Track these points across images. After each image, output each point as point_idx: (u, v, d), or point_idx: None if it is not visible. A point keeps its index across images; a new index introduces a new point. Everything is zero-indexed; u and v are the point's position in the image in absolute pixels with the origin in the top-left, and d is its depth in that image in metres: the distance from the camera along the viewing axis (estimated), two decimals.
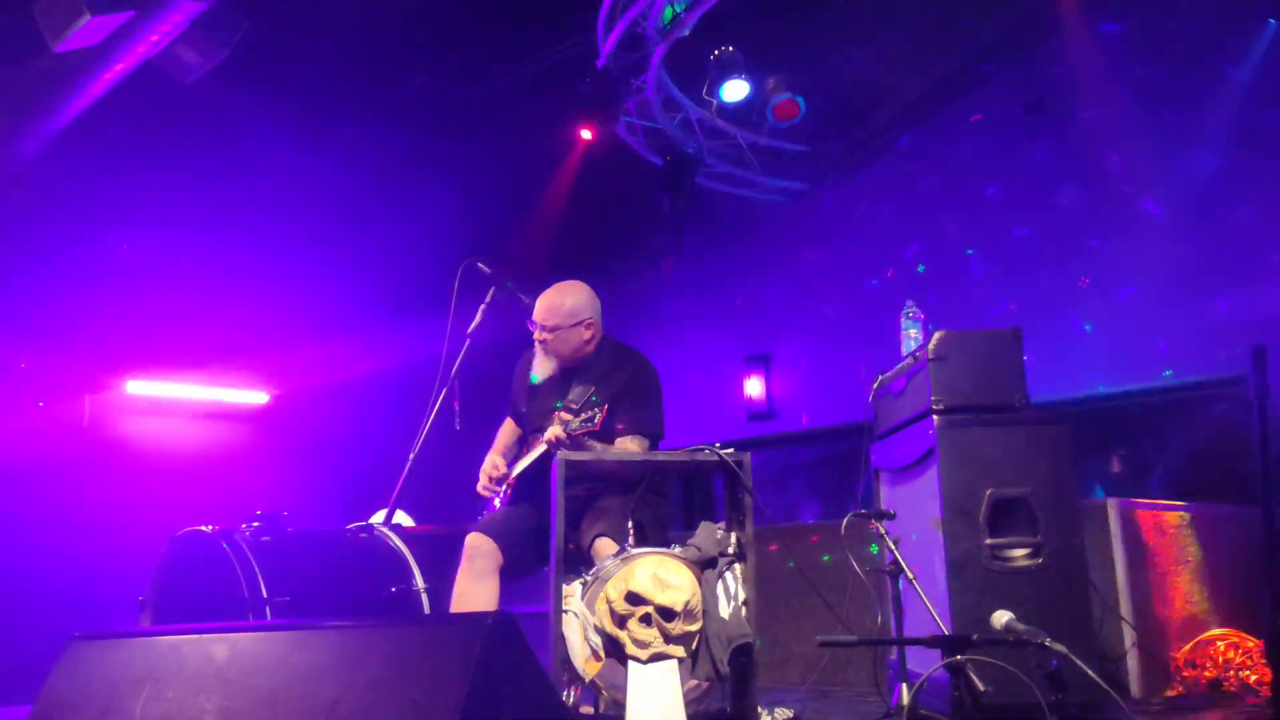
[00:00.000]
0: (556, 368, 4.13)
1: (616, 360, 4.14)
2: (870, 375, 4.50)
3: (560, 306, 4.10)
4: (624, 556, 3.37)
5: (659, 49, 6.80)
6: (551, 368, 4.13)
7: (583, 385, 4.01)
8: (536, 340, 4.14)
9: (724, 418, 8.63)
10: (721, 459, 3.53)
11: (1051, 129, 6.96)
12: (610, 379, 4.04)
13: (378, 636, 2.25)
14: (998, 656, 3.00)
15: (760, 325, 8.73)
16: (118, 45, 5.62)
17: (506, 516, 4.02)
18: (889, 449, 4.24)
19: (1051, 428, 3.69)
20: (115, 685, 2.34)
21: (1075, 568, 3.58)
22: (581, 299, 4.14)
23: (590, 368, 4.12)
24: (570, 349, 4.11)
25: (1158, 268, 6.33)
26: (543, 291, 4.21)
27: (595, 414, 3.74)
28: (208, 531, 3.99)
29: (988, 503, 3.58)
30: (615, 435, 3.93)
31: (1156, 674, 4.13)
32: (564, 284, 4.20)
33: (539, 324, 4.12)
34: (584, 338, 4.12)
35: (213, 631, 2.39)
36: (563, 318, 4.09)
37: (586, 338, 4.12)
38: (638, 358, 4.17)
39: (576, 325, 4.10)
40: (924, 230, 7.65)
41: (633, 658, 3.24)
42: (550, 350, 4.11)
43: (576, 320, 4.10)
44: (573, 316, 4.09)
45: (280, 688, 2.18)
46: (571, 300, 4.12)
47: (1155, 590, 4.28)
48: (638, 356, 4.18)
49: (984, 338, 3.81)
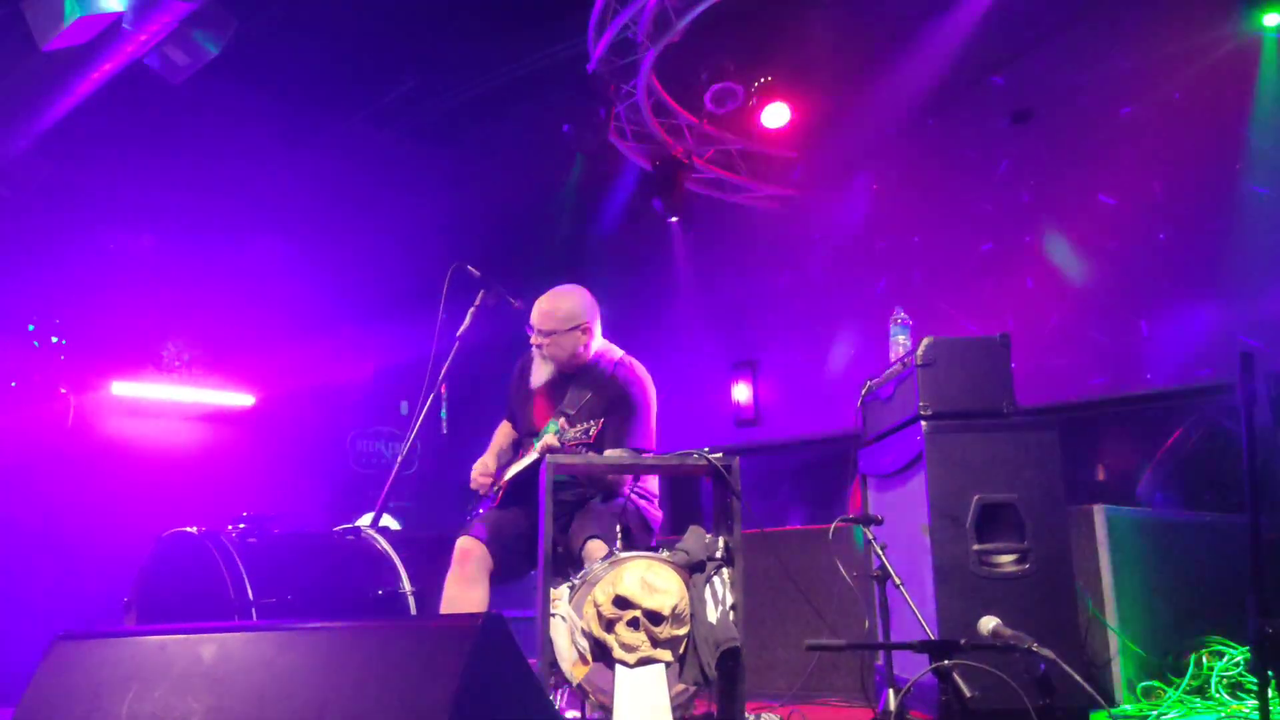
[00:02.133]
0: (554, 372, 4.13)
1: (613, 369, 4.13)
2: (859, 381, 4.52)
3: (556, 311, 4.10)
4: (612, 560, 3.37)
5: (649, 54, 6.81)
6: (549, 372, 4.13)
7: (579, 390, 4.02)
8: (533, 345, 4.13)
9: (712, 424, 8.64)
10: (710, 463, 3.53)
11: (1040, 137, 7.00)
12: (606, 388, 4.05)
13: (367, 637, 2.24)
14: (985, 661, 3.01)
15: (748, 331, 8.74)
16: (106, 44, 5.60)
17: (497, 521, 4.00)
18: (877, 454, 4.25)
19: (1039, 434, 3.70)
20: (101, 685, 2.32)
21: (1062, 574, 3.60)
22: (578, 304, 4.14)
23: (587, 373, 4.12)
24: (567, 354, 4.10)
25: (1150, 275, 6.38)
26: (535, 297, 4.22)
27: (590, 427, 3.74)
28: (193, 533, 3.98)
29: (975, 508, 3.59)
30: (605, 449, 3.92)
31: (1142, 680, 4.15)
32: (561, 288, 4.20)
33: (535, 329, 4.11)
34: (581, 342, 4.10)
35: (200, 631, 2.37)
36: (559, 322, 4.08)
37: (584, 342, 4.11)
38: (633, 370, 4.15)
39: (573, 330, 4.09)
40: (914, 237, 7.67)
41: (620, 661, 3.24)
42: (547, 354, 4.11)
43: (573, 325, 4.09)
44: (569, 321, 4.09)
45: (268, 688, 2.17)
46: (568, 305, 4.12)
47: (1141, 597, 4.30)
48: (633, 368, 4.16)
49: (972, 344, 3.83)
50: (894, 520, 3.85)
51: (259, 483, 7.68)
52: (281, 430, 8.25)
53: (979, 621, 3.11)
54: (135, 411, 7.75)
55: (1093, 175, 6.71)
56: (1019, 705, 2.89)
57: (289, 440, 8.24)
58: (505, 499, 4.09)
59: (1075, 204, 6.79)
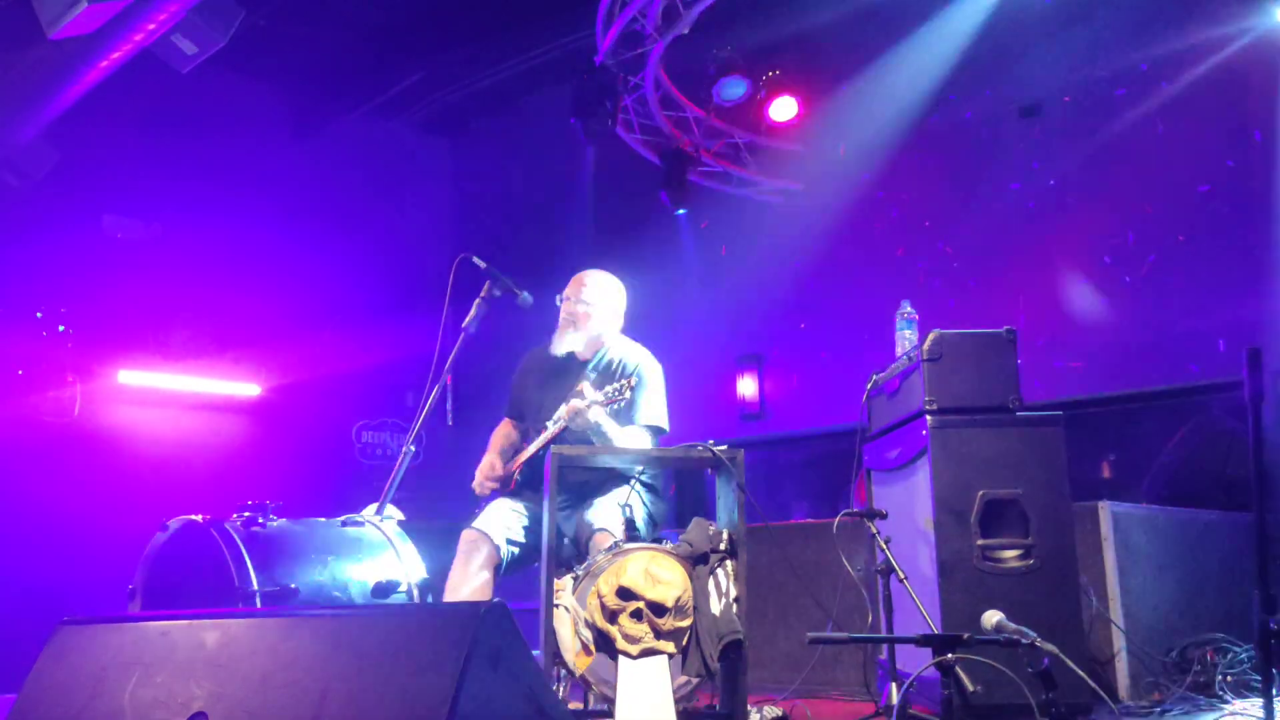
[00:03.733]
0: (574, 347, 4.20)
1: (626, 352, 4.24)
2: (864, 376, 4.50)
3: (601, 283, 4.30)
4: (616, 551, 3.37)
5: (657, 46, 6.80)
6: (572, 344, 4.17)
7: (595, 374, 4.06)
8: (564, 312, 4.22)
9: (718, 417, 8.63)
10: (715, 455, 3.53)
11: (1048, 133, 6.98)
12: (626, 361, 4.16)
13: (370, 623, 2.24)
14: (988, 657, 3.01)
15: (754, 325, 8.72)
16: (114, 33, 5.60)
17: (503, 512, 4.01)
18: (882, 449, 4.24)
19: (1044, 429, 3.69)
20: (104, 670, 2.33)
21: (1066, 570, 3.58)
22: (619, 288, 4.37)
23: (601, 360, 4.21)
24: (599, 331, 4.22)
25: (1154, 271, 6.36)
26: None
27: (623, 386, 3.77)
28: (198, 520, 3.97)
29: (979, 503, 3.58)
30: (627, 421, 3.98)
31: (1146, 677, 4.14)
32: (605, 272, 4.40)
33: (574, 295, 4.23)
34: (609, 321, 4.26)
35: (203, 617, 2.38)
36: (601, 292, 4.26)
37: (611, 322, 4.27)
38: (646, 353, 4.27)
39: (609, 305, 4.26)
40: (920, 231, 7.65)
41: (623, 653, 3.24)
42: (577, 321, 4.19)
43: (610, 301, 4.27)
44: (609, 295, 4.28)
45: (271, 673, 2.17)
46: (612, 283, 4.35)
47: (1145, 594, 4.29)
48: (646, 352, 4.28)
49: (978, 339, 3.81)
50: (898, 514, 3.84)
51: (264, 472, 7.69)
52: (287, 420, 8.26)
53: (983, 616, 3.11)
54: (141, 400, 7.77)
55: (1101, 170, 6.69)
56: (1022, 701, 2.89)
57: (294, 430, 8.26)
58: (519, 485, 4.11)
59: (1084, 199, 6.77)
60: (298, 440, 8.22)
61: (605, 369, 4.17)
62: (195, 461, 7.60)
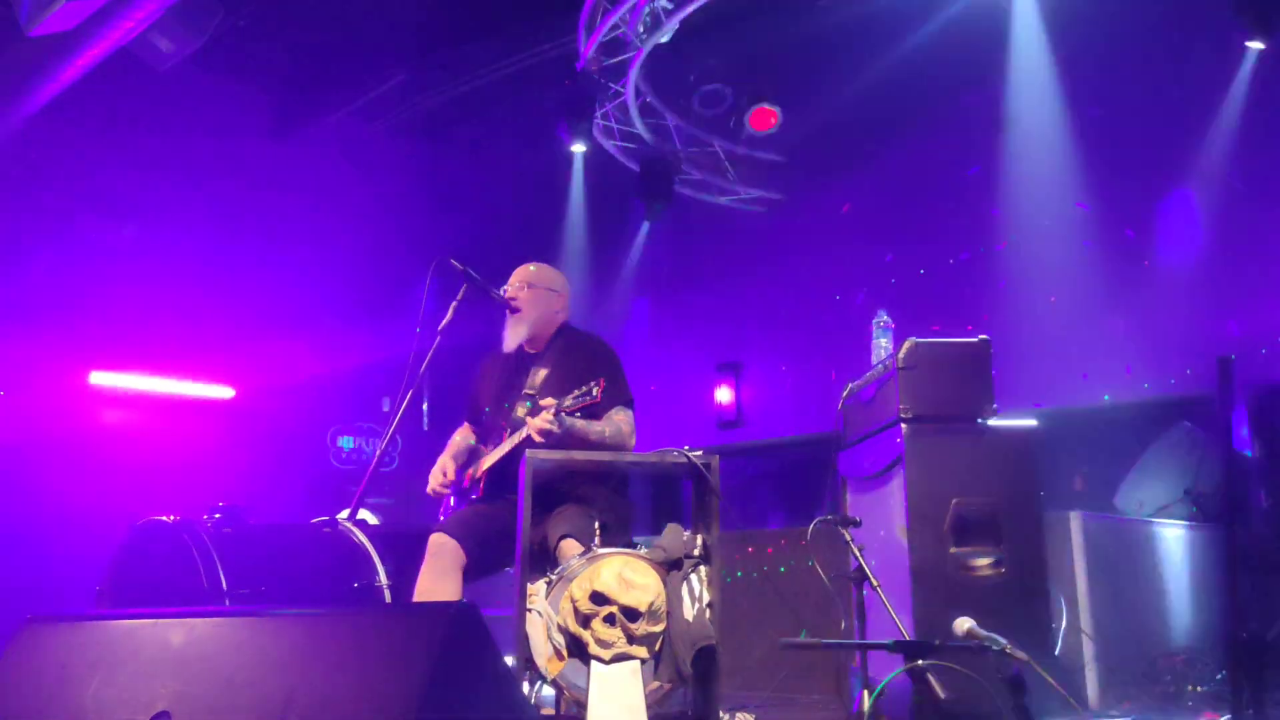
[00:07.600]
0: (524, 339, 4.16)
1: (576, 340, 4.20)
2: (841, 384, 4.51)
3: (537, 271, 4.24)
4: (590, 556, 3.36)
5: (638, 53, 6.81)
6: (519, 336, 4.15)
7: (542, 369, 4.04)
8: (509, 310, 4.18)
9: (695, 425, 8.63)
10: (690, 461, 3.53)
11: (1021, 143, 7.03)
12: (573, 357, 4.08)
13: (337, 623, 2.23)
14: (959, 663, 3.01)
15: (732, 333, 8.74)
16: (93, 31, 5.56)
17: (471, 516, 3.98)
18: (857, 457, 4.25)
19: (1018, 439, 3.71)
20: (69, 668, 2.30)
21: (1037, 578, 3.60)
22: (557, 274, 4.30)
23: (549, 351, 4.17)
24: (540, 314, 4.16)
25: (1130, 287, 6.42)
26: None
27: (592, 388, 3.68)
28: (168, 521, 3.93)
29: (952, 512, 3.60)
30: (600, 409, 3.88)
31: (1115, 686, 4.16)
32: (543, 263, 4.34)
33: (514, 286, 4.19)
34: (554, 307, 4.20)
35: (170, 616, 2.35)
36: (538, 278, 4.21)
37: (557, 308, 4.21)
38: (595, 337, 4.24)
39: (550, 292, 4.20)
40: (898, 241, 7.68)
41: (595, 658, 3.23)
42: (522, 314, 4.14)
43: (551, 287, 4.21)
44: (547, 282, 4.22)
45: (237, 673, 2.15)
46: (548, 270, 4.28)
47: (1116, 603, 4.31)
48: (595, 336, 4.25)
49: (954, 348, 3.83)
50: (872, 522, 3.84)
51: (237, 475, 7.62)
52: (261, 423, 8.20)
53: (954, 623, 3.11)
54: (113, 401, 7.70)
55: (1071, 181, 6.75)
56: (992, 707, 2.89)
57: (268, 434, 8.19)
58: (486, 490, 4.07)
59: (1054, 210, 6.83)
60: (272, 443, 8.16)
61: (560, 360, 4.10)
62: (167, 463, 7.52)
